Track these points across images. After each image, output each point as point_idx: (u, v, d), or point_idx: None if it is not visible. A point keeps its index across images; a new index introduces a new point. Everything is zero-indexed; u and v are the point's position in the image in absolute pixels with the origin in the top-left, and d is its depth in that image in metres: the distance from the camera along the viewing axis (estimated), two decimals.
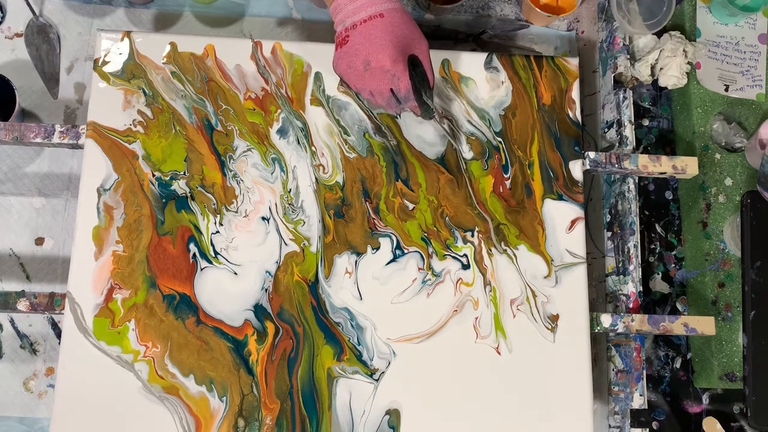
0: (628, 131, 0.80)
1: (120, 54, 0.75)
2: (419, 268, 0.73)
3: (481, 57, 0.80)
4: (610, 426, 0.77)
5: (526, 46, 0.91)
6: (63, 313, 0.69)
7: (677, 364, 0.83)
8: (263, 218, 0.73)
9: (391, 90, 0.67)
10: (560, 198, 0.76)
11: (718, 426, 0.81)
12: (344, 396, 0.69)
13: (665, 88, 0.89)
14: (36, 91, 0.83)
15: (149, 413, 0.67)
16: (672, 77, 0.86)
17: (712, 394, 0.83)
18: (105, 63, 0.75)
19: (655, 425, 0.81)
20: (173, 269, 0.70)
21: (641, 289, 0.77)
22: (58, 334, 0.78)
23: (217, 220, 0.72)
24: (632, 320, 0.74)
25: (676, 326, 0.75)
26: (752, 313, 0.82)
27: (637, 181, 0.80)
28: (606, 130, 0.84)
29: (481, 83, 0.79)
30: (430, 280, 0.73)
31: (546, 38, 0.91)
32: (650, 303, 0.84)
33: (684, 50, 0.86)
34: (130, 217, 0.71)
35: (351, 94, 0.77)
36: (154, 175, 0.72)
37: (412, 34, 0.66)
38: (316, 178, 0.74)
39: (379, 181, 0.75)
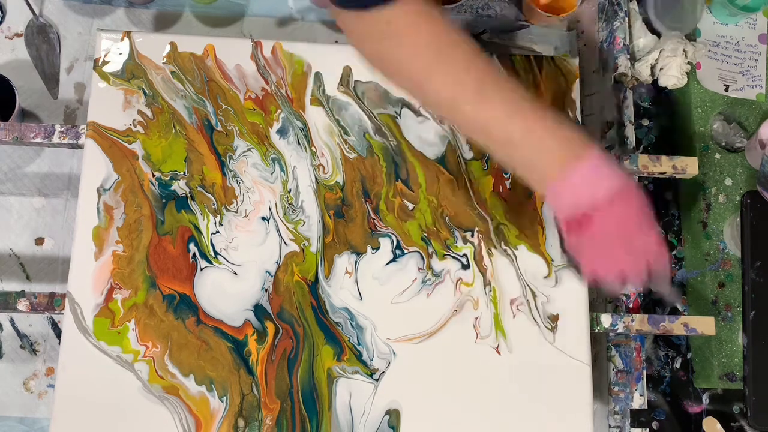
0: (628, 131, 0.80)
1: (120, 54, 0.75)
2: (419, 268, 0.73)
3: None
4: (610, 426, 0.77)
5: (526, 46, 0.91)
6: (63, 313, 0.68)
7: (677, 364, 0.83)
8: (263, 218, 0.73)
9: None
10: None
11: (718, 426, 0.81)
12: (344, 396, 0.69)
13: (665, 88, 0.89)
14: (36, 91, 0.83)
15: (149, 413, 0.67)
16: (672, 77, 0.86)
17: (712, 394, 0.83)
18: (105, 63, 0.75)
19: (655, 425, 0.81)
20: (173, 269, 0.70)
21: (641, 289, 0.77)
22: (58, 334, 0.78)
23: (217, 220, 0.72)
24: (632, 320, 0.74)
25: (676, 326, 0.75)
26: (752, 313, 0.82)
27: (637, 181, 0.80)
28: (606, 130, 0.84)
29: None
30: (430, 280, 0.73)
31: (546, 38, 0.91)
32: (650, 303, 0.84)
33: (684, 50, 0.86)
34: (130, 217, 0.71)
35: (351, 94, 0.77)
36: (154, 175, 0.72)
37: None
38: (316, 178, 0.74)
39: (379, 181, 0.74)
